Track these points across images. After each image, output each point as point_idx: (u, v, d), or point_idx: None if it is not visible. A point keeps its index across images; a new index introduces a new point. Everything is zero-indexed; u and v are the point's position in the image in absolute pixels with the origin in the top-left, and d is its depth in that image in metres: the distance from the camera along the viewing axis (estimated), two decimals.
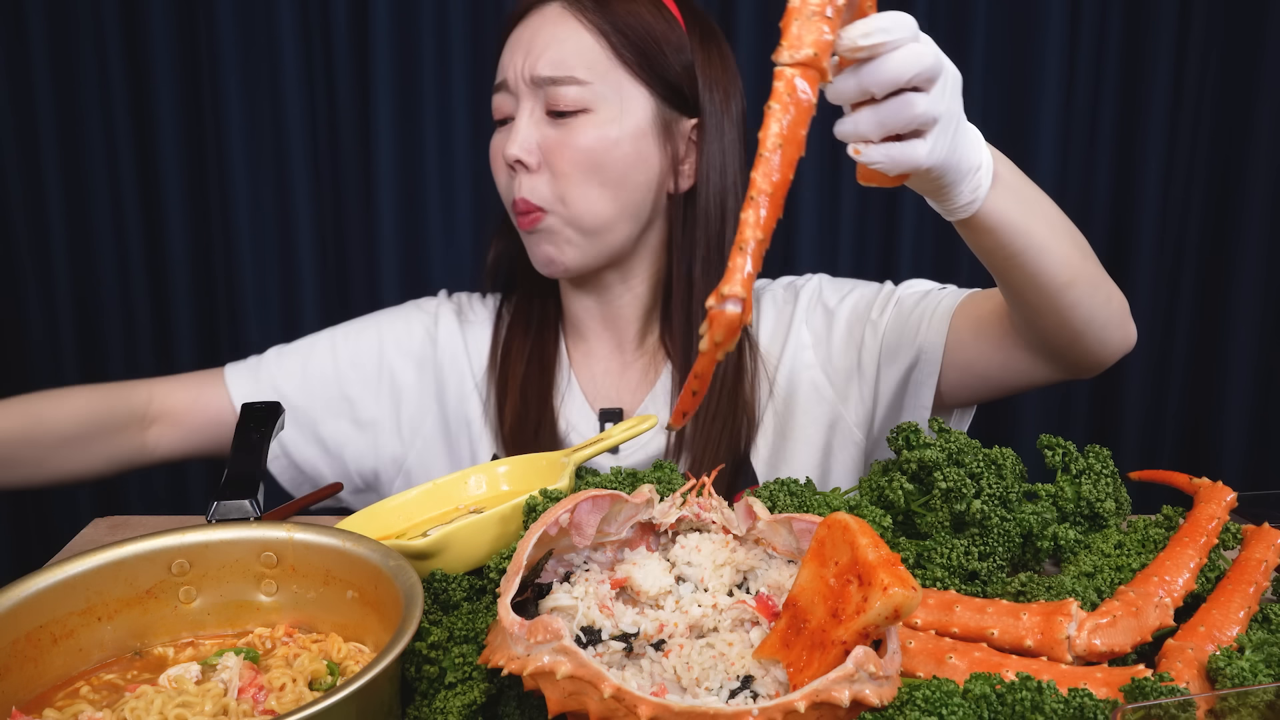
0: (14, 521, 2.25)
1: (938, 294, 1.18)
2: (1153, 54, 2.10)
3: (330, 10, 2.03)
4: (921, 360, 1.15)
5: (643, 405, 1.25)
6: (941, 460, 0.89)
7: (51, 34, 2.03)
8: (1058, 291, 0.95)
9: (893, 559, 0.61)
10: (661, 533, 0.77)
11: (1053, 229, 0.94)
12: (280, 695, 0.69)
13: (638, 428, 1.03)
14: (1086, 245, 1.00)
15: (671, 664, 0.66)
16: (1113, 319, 1.01)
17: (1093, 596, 0.79)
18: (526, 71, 1.15)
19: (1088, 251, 1.00)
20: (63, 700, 0.70)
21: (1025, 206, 0.91)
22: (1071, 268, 0.95)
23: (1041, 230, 0.92)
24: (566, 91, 1.14)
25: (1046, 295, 0.96)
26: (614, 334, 1.29)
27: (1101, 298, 0.99)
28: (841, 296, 1.26)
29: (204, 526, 0.79)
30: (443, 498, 1.01)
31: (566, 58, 1.14)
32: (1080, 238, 0.99)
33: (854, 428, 1.23)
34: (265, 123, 2.08)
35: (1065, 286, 0.95)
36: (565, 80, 1.14)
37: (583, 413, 1.26)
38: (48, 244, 2.11)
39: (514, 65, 1.16)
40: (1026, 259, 0.92)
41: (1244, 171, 2.13)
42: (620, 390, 1.27)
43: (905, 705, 0.60)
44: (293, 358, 1.30)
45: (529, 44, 1.16)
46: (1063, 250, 0.94)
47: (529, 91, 1.15)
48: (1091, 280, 0.97)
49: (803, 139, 0.68)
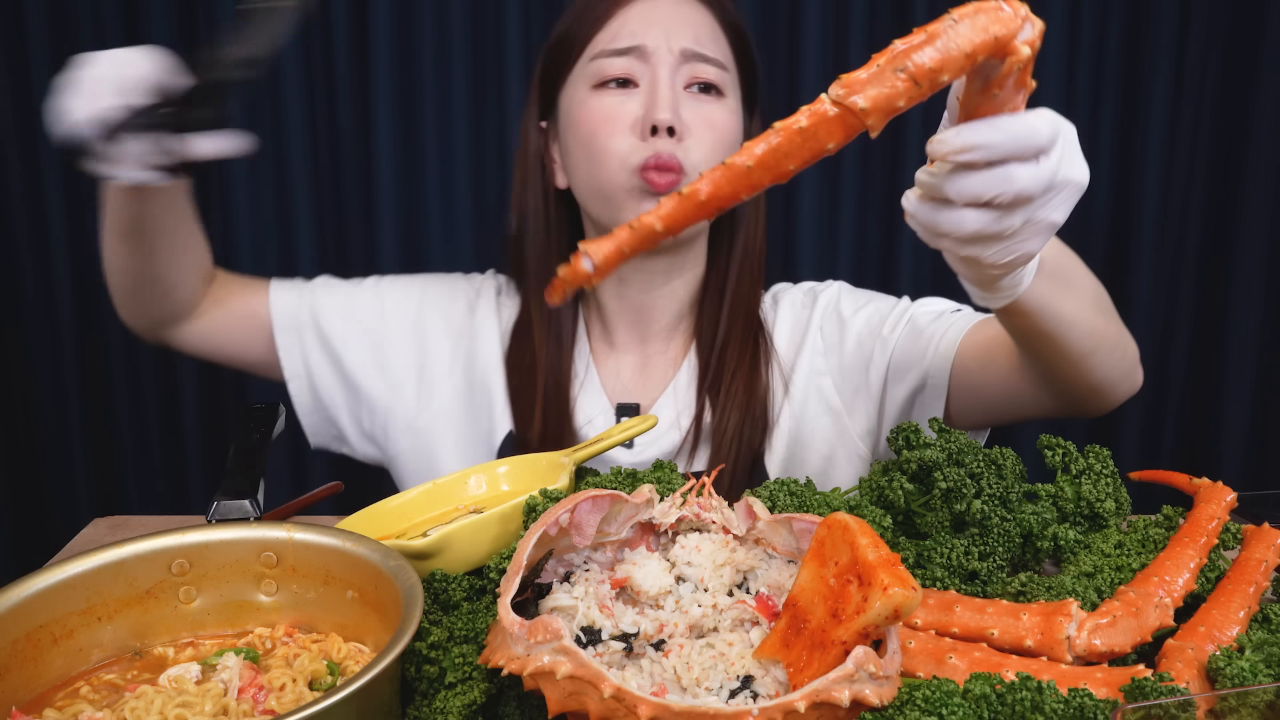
0: (14, 521, 2.25)
1: (950, 316, 1.18)
2: (1153, 54, 2.10)
3: (330, 10, 2.03)
4: (928, 384, 1.16)
5: (658, 403, 1.26)
6: (941, 460, 0.89)
7: (51, 34, 2.03)
8: (1078, 359, 0.95)
9: (893, 559, 0.61)
10: (661, 533, 0.77)
11: (1082, 303, 0.92)
12: (280, 695, 0.69)
13: (638, 427, 1.03)
14: (1108, 303, 0.99)
15: (671, 664, 0.66)
16: (1126, 373, 1.02)
17: (1093, 596, 0.79)
18: (675, 44, 1.17)
19: (1110, 312, 0.99)
20: (63, 700, 0.70)
21: (1060, 288, 0.89)
22: (1094, 337, 0.94)
23: (1071, 307, 0.91)
24: (710, 70, 1.18)
25: (1068, 363, 0.96)
26: (641, 329, 1.29)
27: (1118, 356, 0.99)
28: (857, 308, 1.26)
29: (204, 526, 0.79)
30: (442, 498, 1.01)
31: (708, 42, 1.19)
32: (1104, 298, 0.98)
33: (858, 439, 1.23)
34: (265, 122, 2.08)
35: (1087, 355, 0.95)
36: (714, 60, 1.18)
37: (599, 405, 1.26)
38: (48, 243, 2.11)
39: (652, 35, 1.17)
40: (1054, 336, 0.92)
41: (1244, 172, 2.13)
42: (639, 386, 1.28)
43: (905, 705, 0.60)
44: (338, 290, 1.34)
45: (666, 20, 1.18)
46: (1089, 322, 0.93)
47: (673, 63, 1.17)
48: (1110, 344, 0.97)
49: (788, 173, 0.64)
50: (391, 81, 2.04)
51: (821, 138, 0.63)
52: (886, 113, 0.62)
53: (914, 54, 0.61)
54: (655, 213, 0.66)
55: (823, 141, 0.63)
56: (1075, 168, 0.71)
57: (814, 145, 0.63)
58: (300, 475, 2.21)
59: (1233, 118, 2.14)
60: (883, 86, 0.61)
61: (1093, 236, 2.22)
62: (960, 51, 0.61)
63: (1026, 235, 0.72)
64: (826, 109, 0.62)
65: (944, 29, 0.62)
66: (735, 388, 1.22)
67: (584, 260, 0.66)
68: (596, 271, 0.67)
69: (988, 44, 0.62)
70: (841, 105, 0.62)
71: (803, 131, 0.63)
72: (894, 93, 0.62)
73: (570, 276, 0.67)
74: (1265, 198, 2.13)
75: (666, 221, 0.66)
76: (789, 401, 1.24)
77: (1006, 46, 0.63)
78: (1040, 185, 0.69)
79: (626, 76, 1.18)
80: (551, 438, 1.22)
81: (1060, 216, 0.72)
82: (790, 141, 0.63)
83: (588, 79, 1.19)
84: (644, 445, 1.24)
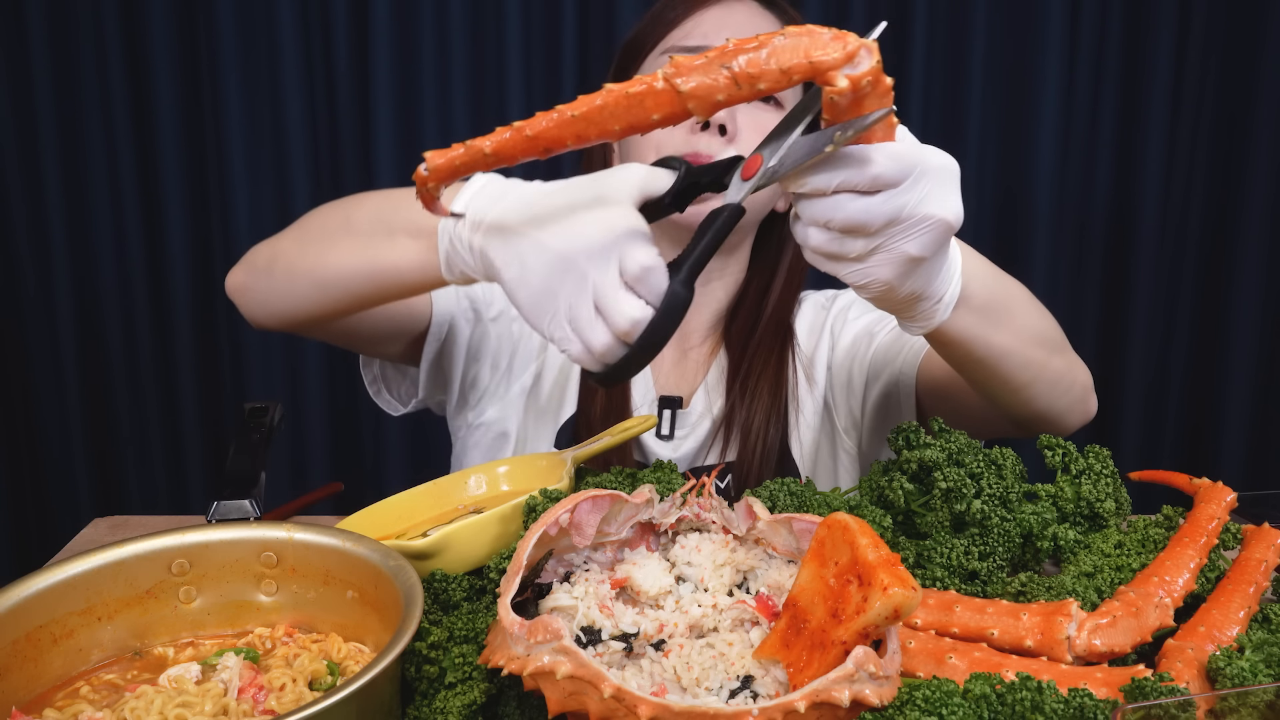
0: (14, 521, 2.25)
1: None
2: (1153, 54, 2.11)
3: (330, 10, 2.03)
4: (900, 387, 1.20)
5: (695, 396, 1.29)
6: (941, 460, 0.89)
7: (51, 34, 2.03)
8: (1015, 390, 0.97)
9: (893, 559, 0.61)
10: (661, 533, 0.77)
11: (1017, 337, 0.94)
12: (280, 695, 0.69)
13: (638, 427, 1.04)
14: (1056, 338, 1.00)
15: (671, 664, 0.66)
16: (1073, 404, 1.03)
17: (1093, 596, 0.79)
18: None
19: (1056, 347, 1.00)
20: (63, 700, 0.70)
21: (990, 321, 0.91)
22: (1031, 370, 0.96)
23: (1003, 341, 0.92)
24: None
25: (1005, 391, 0.98)
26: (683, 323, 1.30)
27: (1061, 390, 1.00)
28: (861, 313, 1.31)
29: (204, 526, 0.79)
30: (442, 498, 1.01)
31: None
32: (1050, 333, 1.00)
33: (844, 435, 1.28)
34: (265, 123, 2.08)
35: (1024, 386, 0.97)
36: None
37: (646, 396, 1.29)
38: (48, 244, 2.11)
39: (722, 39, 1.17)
40: (986, 365, 0.94)
41: (1244, 172, 2.13)
42: (677, 378, 1.31)
43: (905, 705, 0.60)
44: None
45: (739, 28, 1.18)
46: (1023, 356, 0.95)
47: None
48: (1052, 378, 0.99)
49: (613, 132, 0.68)
50: (391, 81, 2.04)
51: (648, 107, 0.68)
52: (707, 102, 0.67)
53: (739, 56, 0.66)
54: (489, 137, 0.70)
55: (649, 111, 0.68)
56: (938, 205, 0.73)
57: (639, 112, 0.68)
58: (300, 475, 2.21)
59: (1233, 118, 2.14)
60: (706, 77, 0.66)
61: (1093, 237, 2.22)
62: (777, 66, 0.65)
63: (878, 262, 0.74)
64: (657, 83, 0.67)
65: (771, 41, 0.65)
66: (761, 388, 1.25)
67: (421, 166, 0.72)
68: (431, 175, 0.71)
69: (803, 67, 0.65)
70: (669, 82, 0.67)
71: (629, 96, 0.67)
72: (715, 86, 0.66)
73: (417, 180, 0.73)
74: (1265, 198, 2.13)
75: (494, 148, 0.70)
76: (812, 394, 1.29)
77: (824, 75, 0.66)
78: (877, 218, 0.71)
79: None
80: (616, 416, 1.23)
81: (915, 249, 0.74)
82: (618, 103, 0.68)
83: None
84: (681, 437, 1.27)
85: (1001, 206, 2.19)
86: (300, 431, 2.20)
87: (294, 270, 1.02)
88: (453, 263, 0.88)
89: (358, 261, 0.96)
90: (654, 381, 1.30)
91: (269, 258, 1.06)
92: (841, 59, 0.65)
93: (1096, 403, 1.08)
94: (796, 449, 1.26)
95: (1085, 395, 1.05)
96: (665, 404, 1.27)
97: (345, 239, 0.98)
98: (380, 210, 0.97)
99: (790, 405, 1.27)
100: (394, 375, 1.32)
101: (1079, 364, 1.05)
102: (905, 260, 0.74)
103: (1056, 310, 1.37)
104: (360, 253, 0.96)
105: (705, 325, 1.31)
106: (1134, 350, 2.23)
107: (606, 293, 0.75)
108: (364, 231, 0.96)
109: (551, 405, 1.29)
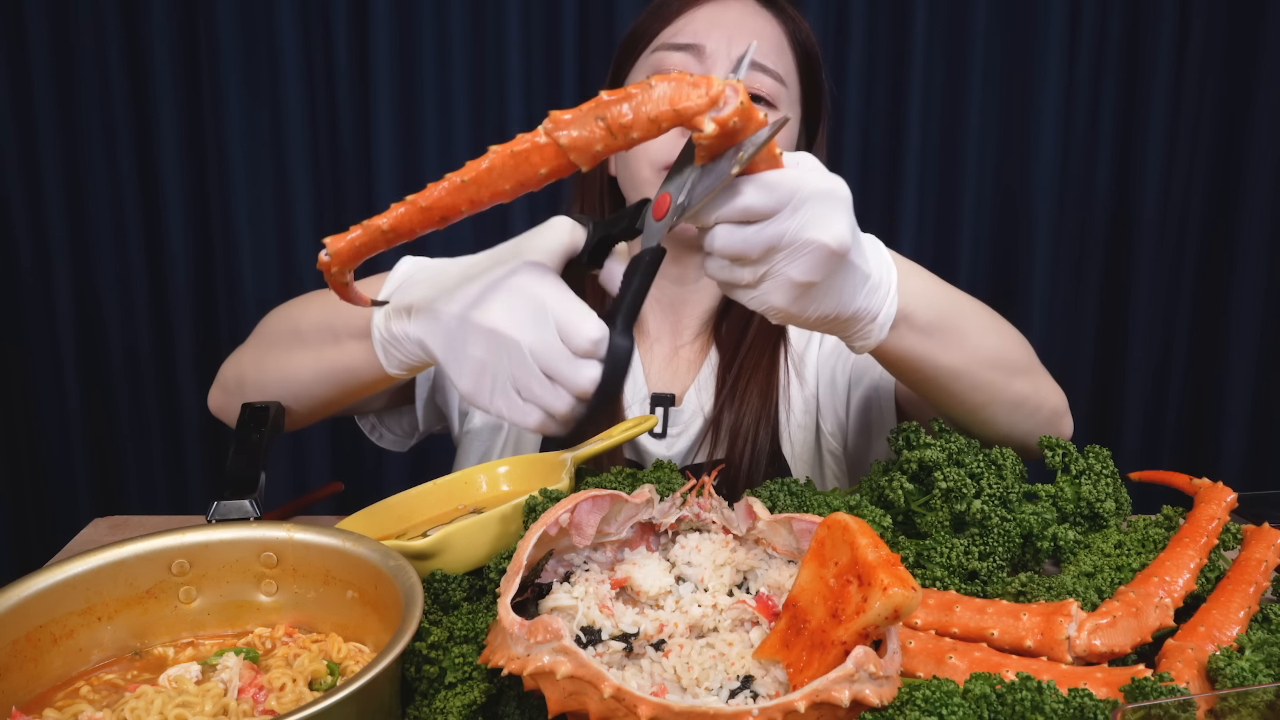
0: (14, 521, 2.25)
1: None
2: (1153, 53, 2.11)
3: (330, 10, 2.03)
4: (881, 394, 1.21)
5: (688, 394, 1.29)
6: (941, 460, 0.89)
7: (51, 34, 2.03)
8: (971, 410, 0.96)
9: (892, 559, 0.61)
10: (661, 533, 0.77)
11: (969, 359, 0.93)
12: (280, 695, 0.69)
13: (638, 427, 1.03)
14: (1015, 358, 0.99)
15: (671, 664, 0.66)
16: (1039, 427, 1.01)
17: (1093, 597, 0.79)
18: (735, 50, 1.17)
19: (1017, 370, 0.99)
20: (63, 700, 0.70)
21: (936, 342, 0.90)
22: (987, 391, 0.95)
23: (951, 361, 0.92)
24: (766, 81, 1.18)
25: (962, 411, 0.97)
26: (674, 320, 1.32)
27: (1024, 414, 0.99)
28: None
29: (204, 526, 0.79)
30: (443, 498, 1.01)
31: (770, 54, 1.19)
32: (1010, 353, 0.98)
33: (829, 436, 1.28)
34: (265, 123, 2.08)
35: (979, 408, 0.96)
36: (772, 73, 1.18)
37: (638, 394, 1.29)
38: (48, 244, 2.11)
39: (713, 37, 1.18)
40: (934, 385, 0.93)
41: (1244, 172, 2.13)
42: (669, 375, 1.31)
43: (905, 705, 0.60)
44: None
45: (731, 26, 1.19)
46: (976, 378, 0.94)
47: (729, 67, 1.18)
48: (1011, 401, 0.98)
49: (505, 193, 0.69)
50: (391, 81, 2.04)
51: (535, 163, 0.69)
52: (587, 154, 0.68)
53: (611, 107, 0.67)
54: (385, 215, 0.72)
55: (535, 167, 0.69)
56: (819, 230, 0.73)
57: (526, 169, 0.69)
58: (300, 475, 2.21)
59: (1233, 118, 2.14)
60: (584, 129, 0.68)
61: (1093, 236, 2.22)
62: (645, 116, 0.67)
63: (768, 289, 0.76)
64: (539, 138, 0.68)
65: (640, 92, 0.67)
66: (751, 390, 1.25)
67: (323, 252, 0.74)
68: (334, 260, 0.74)
69: (670, 114, 0.67)
70: (550, 137, 0.68)
71: (515, 155, 0.69)
72: (592, 137, 0.68)
73: (321, 268, 0.75)
74: (1265, 197, 2.13)
75: (392, 224, 0.72)
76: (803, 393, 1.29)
77: (691, 121, 0.67)
78: (754, 246, 0.73)
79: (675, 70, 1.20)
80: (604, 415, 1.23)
81: (799, 275, 0.74)
82: (505, 163, 0.69)
83: (646, 70, 1.22)
84: (674, 435, 1.27)
85: (1002, 206, 2.19)
86: (300, 432, 2.20)
87: (263, 385, 1.05)
88: (390, 355, 0.89)
89: (315, 370, 0.99)
90: (645, 379, 1.30)
91: (237, 378, 1.10)
92: (705, 104, 0.67)
93: (1071, 424, 1.07)
94: (787, 448, 1.26)
95: (1054, 419, 1.03)
96: (658, 401, 1.27)
97: (298, 349, 1.01)
98: (324, 314, 0.98)
99: (781, 405, 1.26)
100: (390, 418, 1.34)
101: (1049, 386, 1.03)
102: (793, 285, 0.75)
103: (1056, 310, 1.38)
104: (315, 362, 0.98)
105: (697, 322, 1.31)
106: (1134, 350, 2.23)
107: (557, 362, 0.76)
108: (312, 339, 0.99)
109: None
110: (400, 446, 1.37)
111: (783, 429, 1.26)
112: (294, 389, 1.02)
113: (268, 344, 1.07)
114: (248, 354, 1.10)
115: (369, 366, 0.92)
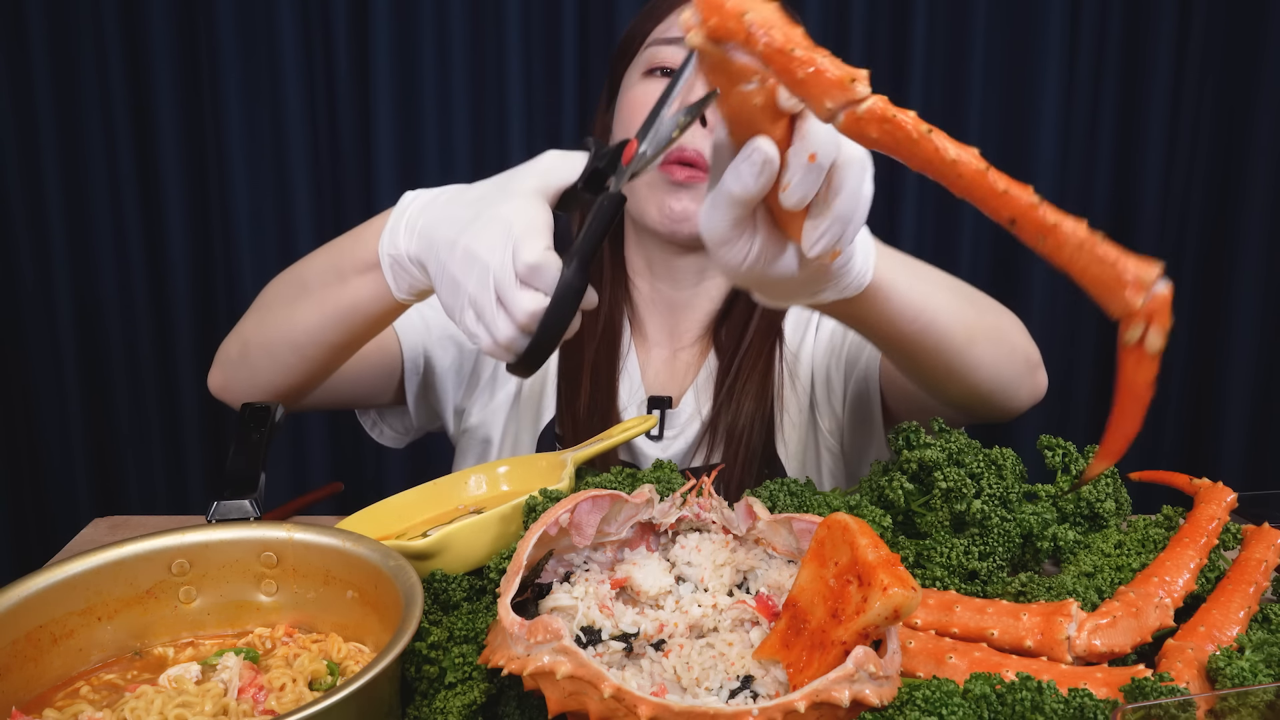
0: (14, 521, 2.25)
1: None
2: (1153, 53, 2.11)
3: (330, 11, 2.03)
4: (869, 385, 1.21)
5: (685, 397, 1.28)
6: (941, 460, 0.89)
7: (51, 34, 2.03)
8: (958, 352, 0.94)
9: (892, 559, 0.61)
10: (661, 533, 0.77)
11: (939, 285, 0.94)
12: (280, 695, 0.69)
13: (637, 428, 1.04)
14: (987, 303, 1.00)
15: (671, 664, 0.66)
16: (1019, 375, 1.01)
17: (1093, 597, 0.79)
18: None
19: (984, 304, 0.99)
20: (63, 700, 0.70)
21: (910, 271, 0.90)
22: (967, 322, 0.95)
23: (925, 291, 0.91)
24: None
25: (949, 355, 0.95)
26: (672, 322, 1.32)
27: (1005, 350, 0.99)
28: None
29: (204, 526, 0.79)
30: (442, 498, 1.01)
31: None
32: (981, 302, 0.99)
33: (827, 434, 1.28)
34: (265, 124, 2.08)
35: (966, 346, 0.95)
36: None
37: (635, 396, 1.29)
38: (48, 245, 2.11)
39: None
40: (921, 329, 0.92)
41: (1244, 171, 2.13)
42: (666, 378, 1.31)
43: (905, 705, 0.60)
44: None
45: None
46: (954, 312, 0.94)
47: None
48: (990, 332, 0.97)
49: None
50: (392, 82, 2.04)
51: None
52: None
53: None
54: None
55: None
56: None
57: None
58: (300, 475, 2.21)
59: (1233, 118, 2.14)
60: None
61: None
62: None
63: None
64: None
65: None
66: (746, 394, 1.25)
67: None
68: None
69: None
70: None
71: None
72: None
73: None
74: (1265, 197, 2.13)
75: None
76: (796, 394, 1.28)
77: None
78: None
79: (674, 66, 1.20)
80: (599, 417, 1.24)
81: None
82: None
83: (641, 66, 1.22)
84: (671, 438, 1.27)
85: None
86: (300, 431, 2.20)
87: (268, 344, 1.06)
88: (399, 279, 0.91)
89: (322, 313, 1.00)
90: (642, 381, 1.29)
91: (239, 346, 1.10)
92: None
93: (1046, 380, 1.06)
94: (782, 450, 1.26)
95: (1033, 368, 1.02)
96: (655, 404, 1.27)
97: (304, 299, 1.01)
98: (327, 260, 1.00)
99: (776, 408, 1.26)
100: (390, 413, 1.35)
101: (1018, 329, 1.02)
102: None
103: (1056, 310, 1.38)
104: (322, 305, 1.00)
105: (698, 326, 1.31)
106: None
107: (505, 287, 0.77)
108: (318, 285, 1.00)
109: (530, 410, 1.30)
110: (399, 443, 1.38)
111: (777, 430, 1.26)
112: (300, 339, 1.03)
113: (268, 306, 1.08)
114: (248, 322, 1.11)
115: (376, 298, 0.94)
